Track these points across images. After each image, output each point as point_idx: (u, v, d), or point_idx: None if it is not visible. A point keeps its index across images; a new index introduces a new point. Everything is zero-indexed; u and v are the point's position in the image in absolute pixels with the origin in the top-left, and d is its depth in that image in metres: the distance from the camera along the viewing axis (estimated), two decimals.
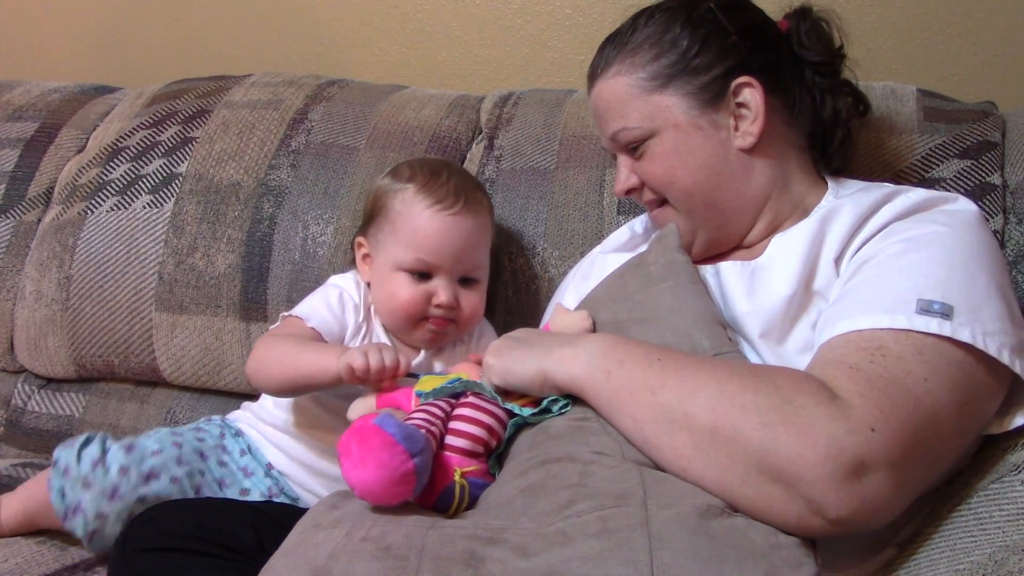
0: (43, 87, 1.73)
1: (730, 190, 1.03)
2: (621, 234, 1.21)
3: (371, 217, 1.20)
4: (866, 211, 0.95)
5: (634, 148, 1.05)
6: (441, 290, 1.13)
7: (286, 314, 1.18)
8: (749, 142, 1.01)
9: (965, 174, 1.18)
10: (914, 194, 0.97)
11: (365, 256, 1.21)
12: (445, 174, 1.18)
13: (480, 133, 1.46)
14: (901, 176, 1.20)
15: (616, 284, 1.00)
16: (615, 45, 1.07)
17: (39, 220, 1.56)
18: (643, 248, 1.11)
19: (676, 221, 1.05)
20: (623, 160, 1.08)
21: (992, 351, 0.80)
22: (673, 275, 0.95)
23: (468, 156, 1.44)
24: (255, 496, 1.15)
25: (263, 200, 1.40)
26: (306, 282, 1.35)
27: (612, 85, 1.06)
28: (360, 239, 1.22)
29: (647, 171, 1.05)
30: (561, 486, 0.78)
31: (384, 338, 1.18)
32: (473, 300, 1.17)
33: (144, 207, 1.44)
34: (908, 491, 0.77)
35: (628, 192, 1.09)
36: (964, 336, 0.80)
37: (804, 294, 0.92)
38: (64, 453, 1.09)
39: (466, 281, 1.17)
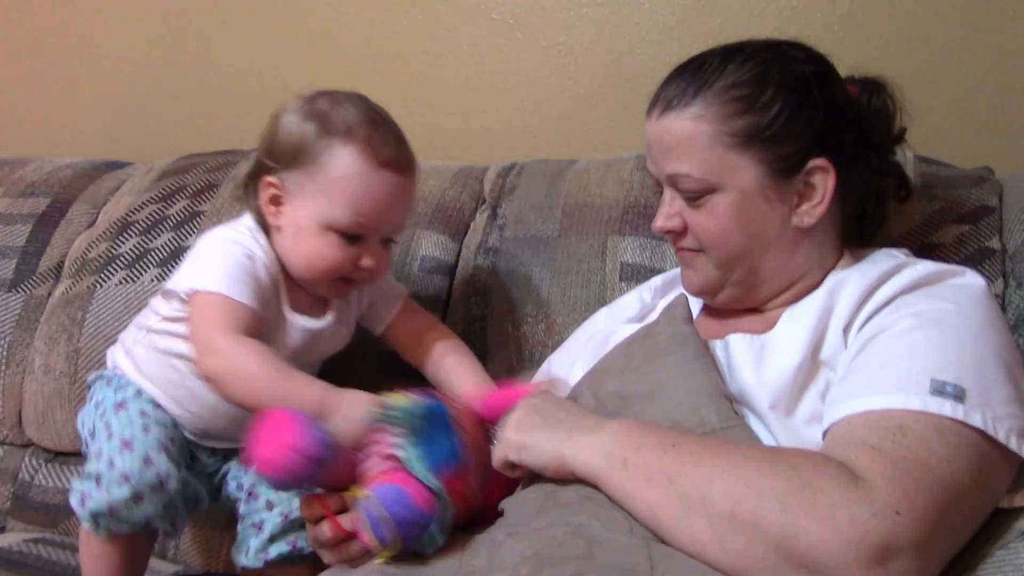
0: (55, 163, 1.76)
1: (774, 261, 1.02)
2: (631, 305, 1.20)
3: (291, 162, 1.09)
4: (873, 282, 0.95)
5: (689, 195, 1.01)
6: (370, 255, 1.10)
7: (199, 289, 1.08)
8: (807, 223, 1.00)
9: (964, 239, 1.19)
10: (922, 267, 0.97)
11: (274, 199, 1.11)
12: (382, 125, 1.11)
13: (484, 203, 1.48)
14: (901, 242, 1.20)
15: (623, 355, 1.00)
16: (700, 83, 1.00)
17: (49, 294, 1.57)
18: (652, 316, 1.12)
19: (705, 272, 1.04)
20: (671, 199, 1.04)
21: (1001, 437, 0.80)
22: (680, 348, 0.95)
23: (472, 226, 1.46)
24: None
25: None
26: None
27: (688, 127, 0.99)
28: (272, 179, 1.10)
29: (700, 224, 1.01)
30: (568, 557, 0.78)
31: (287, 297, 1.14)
32: (388, 258, 1.15)
33: (152, 280, 1.45)
34: (931, 573, 0.75)
35: (666, 233, 1.05)
36: (976, 421, 0.79)
37: (811, 364, 0.92)
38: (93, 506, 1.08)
39: (387, 241, 1.13)
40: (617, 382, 0.98)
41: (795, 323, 0.96)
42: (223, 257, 1.10)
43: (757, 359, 0.96)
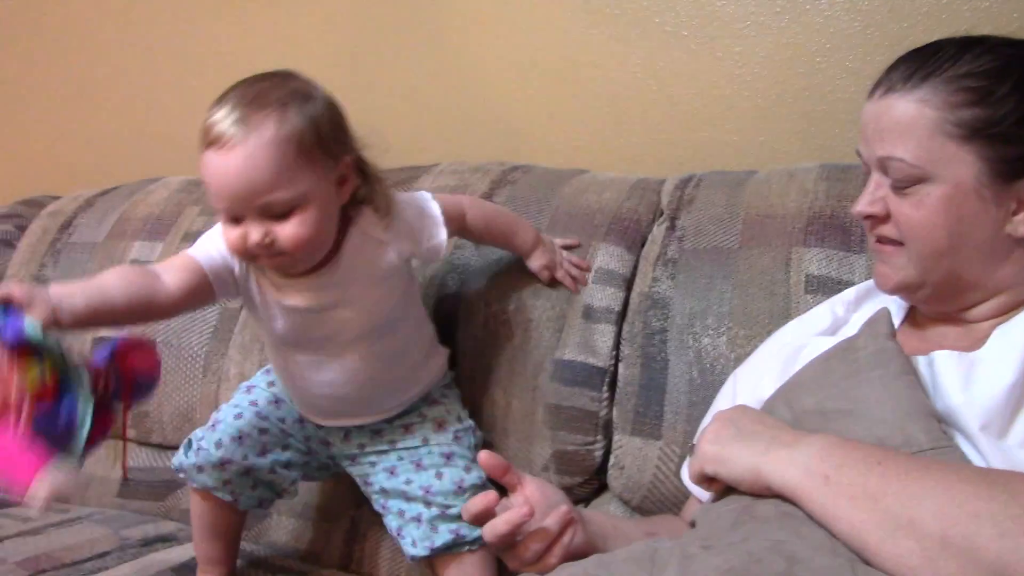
0: None
1: (978, 267, 0.96)
2: (823, 317, 1.15)
3: None
4: None
5: (899, 181, 0.97)
6: (252, 230, 1.08)
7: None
8: (1022, 232, 0.94)
9: None
10: None
11: None
12: (229, 97, 1.09)
13: (661, 215, 1.47)
14: None
15: (821, 369, 0.97)
16: (930, 68, 0.96)
17: (241, 306, 1.65)
18: (846, 329, 1.08)
19: (903, 268, 0.99)
20: (878, 183, 0.99)
21: None
22: (883, 364, 0.91)
23: (650, 237, 1.44)
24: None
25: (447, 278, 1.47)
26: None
27: (910, 109, 0.95)
28: None
29: (905, 212, 0.97)
30: (767, 575, 0.76)
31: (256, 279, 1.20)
32: (289, 230, 1.09)
33: None
34: None
35: (867, 217, 1.01)
36: None
37: None
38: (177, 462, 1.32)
39: (280, 216, 1.09)
40: (816, 397, 0.94)
41: (1008, 340, 0.90)
42: (216, 229, 1.18)
43: (966, 378, 0.91)
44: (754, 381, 1.13)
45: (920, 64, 0.96)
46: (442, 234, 1.26)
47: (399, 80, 1.96)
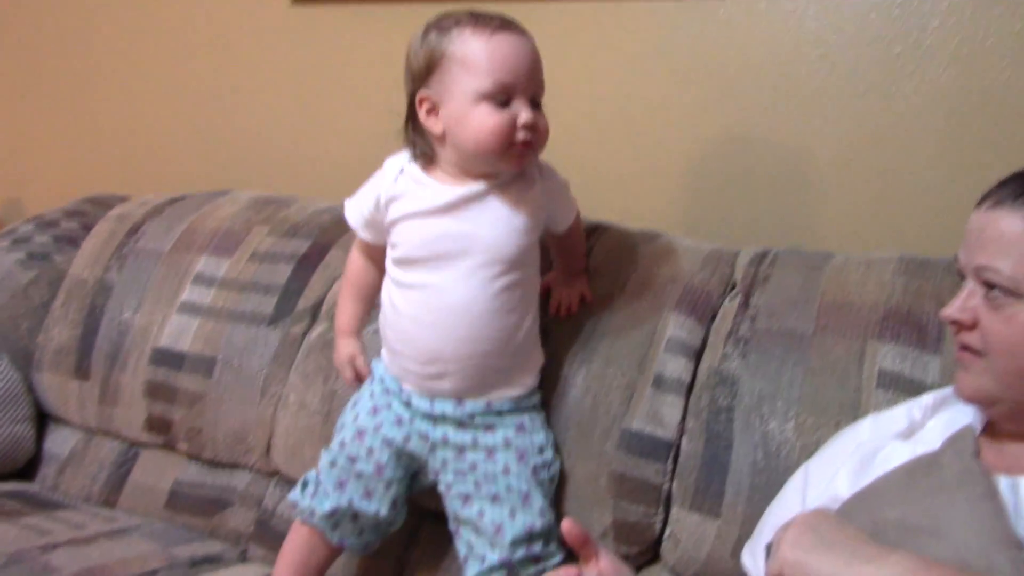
0: (315, 206, 1.87)
1: None
2: (898, 419, 1.16)
3: (429, 71, 1.25)
4: None
5: (992, 294, 0.98)
6: (523, 111, 1.22)
7: (345, 209, 1.40)
8: None
9: None
10: None
11: (430, 111, 1.27)
12: (483, 13, 1.26)
13: (734, 288, 1.48)
14: None
15: (904, 483, 0.98)
16: None
17: (304, 333, 1.67)
18: (921, 434, 1.09)
19: (981, 379, 1.00)
20: (971, 291, 1.00)
21: None
22: (969, 485, 0.92)
23: (721, 312, 1.45)
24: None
25: None
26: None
27: (1016, 224, 0.96)
28: (422, 95, 1.26)
29: (993, 327, 0.98)
30: None
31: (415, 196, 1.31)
32: (544, 120, 1.26)
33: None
34: None
35: (953, 323, 1.02)
36: None
37: None
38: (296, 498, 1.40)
39: (535, 105, 1.25)
40: (898, 511, 0.95)
41: None
42: (363, 197, 1.38)
43: None
44: (828, 476, 1.13)
45: None
46: (572, 213, 1.42)
47: None
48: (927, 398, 1.17)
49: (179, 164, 2.32)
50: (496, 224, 1.28)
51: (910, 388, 1.26)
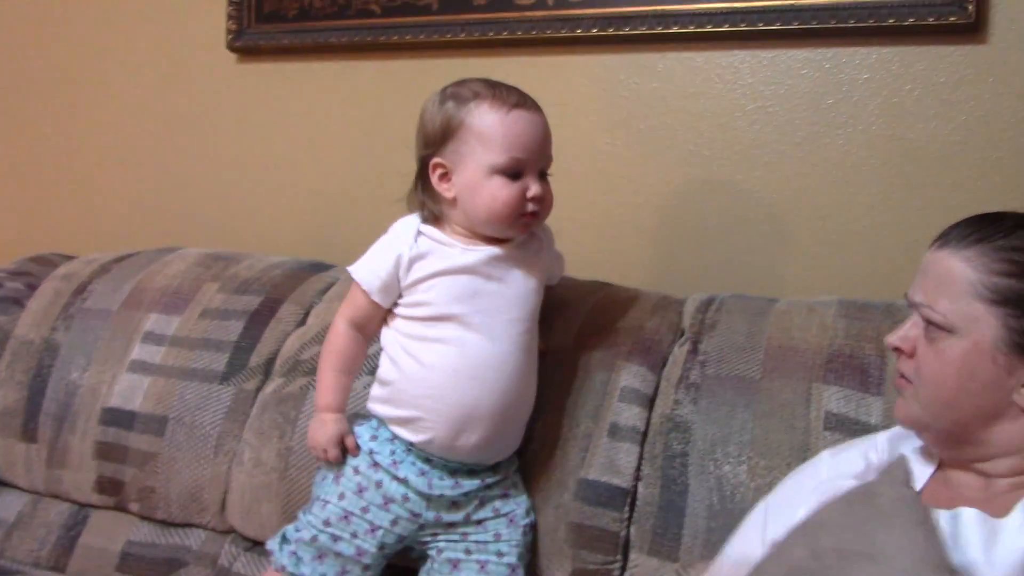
0: (266, 262, 1.88)
1: (979, 425, 1.03)
2: (855, 461, 1.20)
3: (445, 138, 1.31)
4: None
5: (930, 328, 1.04)
6: (533, 185, 1.29)
7: (352, 274, 1.37)
8: None
9: None
10: None
11: (443, 176, 1.32)
12: (500, 86, 1.32)
13: (683, 335, 1.52)
14: None
15: (843, 511, 1.02)
16: (985, 233, 1.03)
17: (258, 389, 1.67)
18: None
19: (912, 407, 1.07)
20: (915, 323, 1.07)
21: None
22: (903, 512, 0.96)
23: (671, 359, 1.49)
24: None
25: None
26: None
27: (955, 266, 1.03)
28: (437, 160, 1.32)
29: (925, 358, 1.05)
30: None
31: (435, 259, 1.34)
32: (550, 192, 1.34)
33: (364, 387, 1.52)
34: None
35: (895, 349, 1.10)
36: None
37: None
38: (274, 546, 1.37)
39: (542, 175, 1.32)
40: (836, 538, 0.98)
41: None
42: (380, 256, 1.36)
43: (989, 540, 0.96)
44: (788, 515, 1.16)
45: (978, 228, 1.04)
46: (564, 266, 1.53)
47: None
48: (881, 438, 1.21)
49: (124, 222, 2.31)
50: (519, 282, 1.35)
51: (855, 429, 1.31)
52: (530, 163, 1.29)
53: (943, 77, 1.61)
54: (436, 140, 1.32)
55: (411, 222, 1.37)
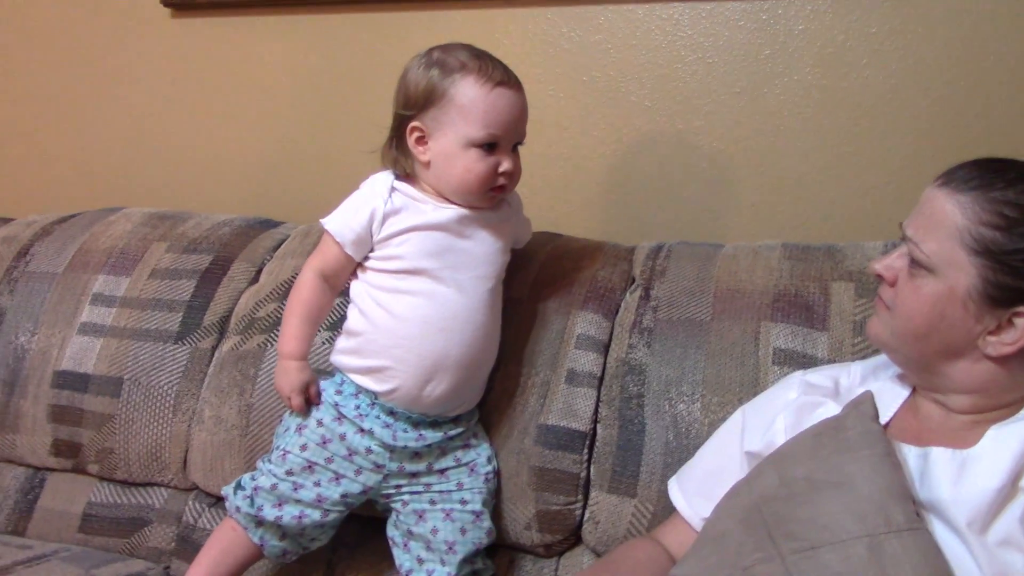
0: (212, 220, 1.87)
1: (943, 361, 1.08)
2: (824, 383, 1.25)
3: (426, 103, 1.32)
4: None
5: (914, 263, 1.08)
6: (505, 160, 1.33)
7: (326, 226, 1.37)
8: (990, 353, 1.05)
9: None
10: None
11: (420, 140, 1.34)
12: (487, 59, 1.33)
13: (633, 282, 1.57)
14: None
15: (811, 443, 1.08)
16: (984, 180, 1.05)
17: (214, 348, 1.68)
18: (849, 399, 1.16)
19: (884, 330, 1.13)
20: (901, 254, 1.11)
21: None
22: (869, 445, 1.03)
23: (624, 305, 1.54)
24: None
25: None
26: None
27: (948, 208, 1.06)
28: (415, 123, 1.34)
29: (904, 290, 1.09)
30: None
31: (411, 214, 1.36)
32: (519, 165, 1.37)
33: (323, 342, 1.55)
34: None
35: (878, 276, 1.14)
36: None
37: (1011, 489, 0.97)
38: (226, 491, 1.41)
39: (514, 148, 1.36)
40: (806, 467, 1.05)
41: (1001, 444, 1.01)
42: (356, 207, 1.38)
43: (957, 475, 1.02)
44: (765, 423, 1.23)
45: (979, 174, 1.06)
46: (530, 230, 1.58)
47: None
48: (855, 367, 1.28)
49: (63, 183, 2.27)
50: (487, 242, 1.39)
51: (803, 362, 1.38)
52: (506, 139, 1.33)
53: (874, 27, 1.68)
54: (417, 104, 1.34)
55: (385, 178, 1.39)
